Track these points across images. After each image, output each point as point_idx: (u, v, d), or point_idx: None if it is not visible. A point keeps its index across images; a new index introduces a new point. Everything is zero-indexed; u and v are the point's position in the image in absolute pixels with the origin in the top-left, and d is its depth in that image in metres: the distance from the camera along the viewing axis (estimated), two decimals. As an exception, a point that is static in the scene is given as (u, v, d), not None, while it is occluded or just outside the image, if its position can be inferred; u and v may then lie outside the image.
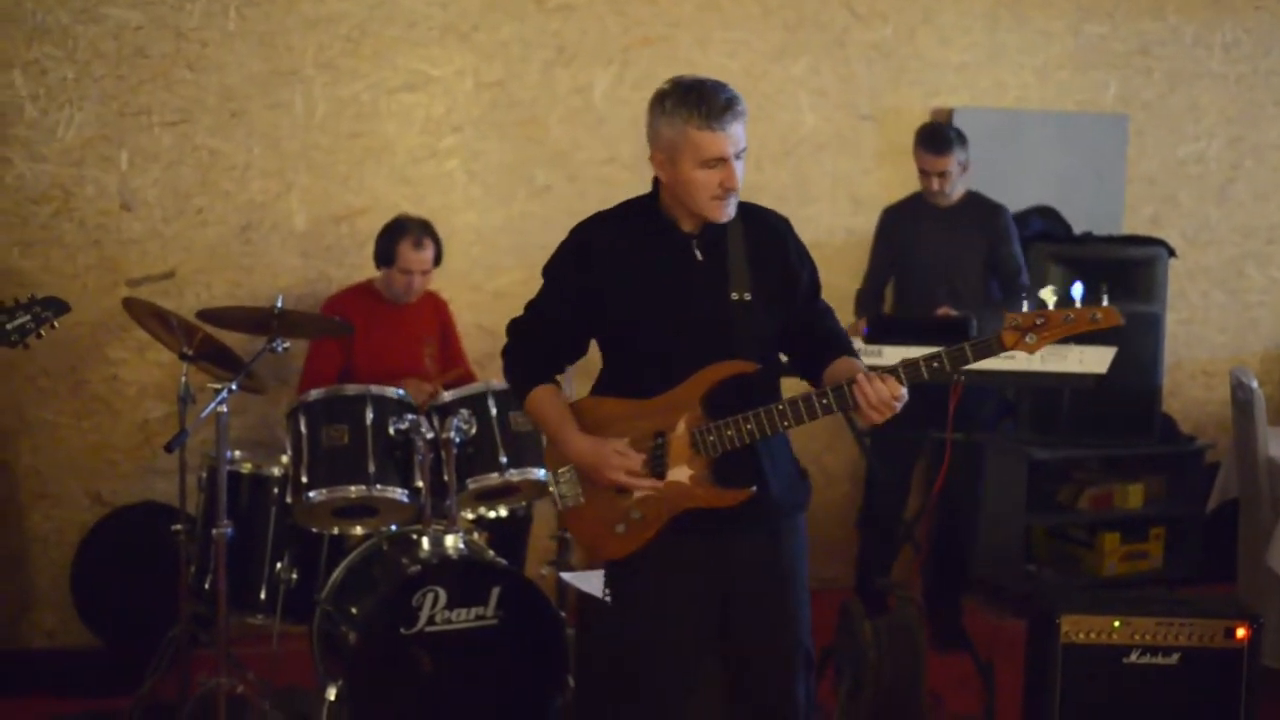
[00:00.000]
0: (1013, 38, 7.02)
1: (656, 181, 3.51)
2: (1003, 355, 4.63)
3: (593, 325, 3.59)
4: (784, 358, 3.68)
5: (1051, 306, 3.30)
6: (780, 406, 3.37)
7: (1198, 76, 7.41)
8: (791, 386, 3.55)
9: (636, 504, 3.49)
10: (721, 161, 3.35)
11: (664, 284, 3.47)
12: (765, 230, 3.56)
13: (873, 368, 3.39)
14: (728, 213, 3.42)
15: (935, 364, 3.31)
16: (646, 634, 3.56)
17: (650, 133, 3.44)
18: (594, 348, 3.67)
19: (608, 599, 3.62)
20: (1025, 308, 3.36)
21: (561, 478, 3.61)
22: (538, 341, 3.64)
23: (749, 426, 3.39)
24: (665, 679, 3.56)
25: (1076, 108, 7.19)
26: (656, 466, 3.47)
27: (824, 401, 3.35)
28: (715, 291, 3.46)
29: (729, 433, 3.40)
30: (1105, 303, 3.30)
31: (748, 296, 3.45)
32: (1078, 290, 3.30)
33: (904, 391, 3.32)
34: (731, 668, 3.63)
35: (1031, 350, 3.33)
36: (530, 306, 3.67)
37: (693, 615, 3.54)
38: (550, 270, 3.62)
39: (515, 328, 3.68)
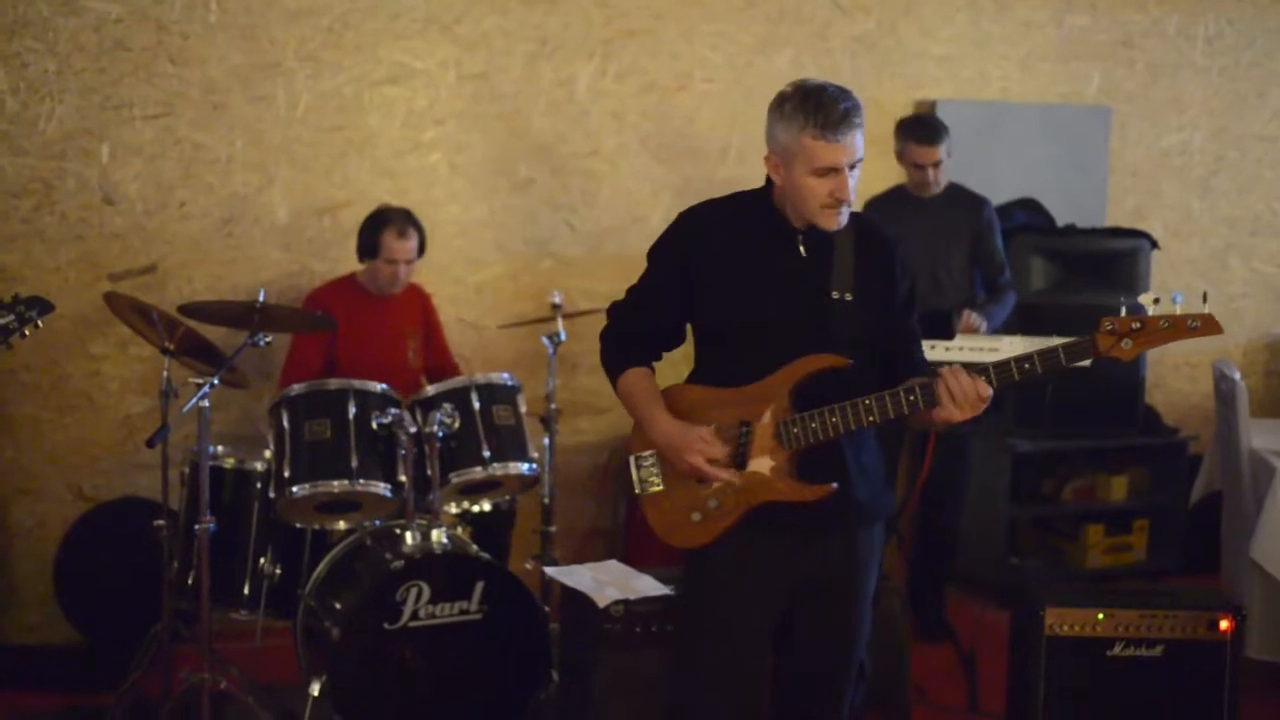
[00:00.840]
0: (995, 29, 7.02)
1: (770, 179, 3.48)
2: (986, 347, 4.64)
3: (690, 311, 3.55)
4: None
5: (1151, 312, 3.24)
6: (866, 401, 3.32)
7: (1180, 68, 7.42)
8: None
9: (715, 493, 3.45)
10: (834, 172, 3.32)
11: (765, 276, 3.44)
12: (874, 238, 3.52)
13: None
14: (839, 221, 3.39)
15: (1027, 365, 3.27)
16: (719, 628, 3.51)
17: (768, 134, 3.41)
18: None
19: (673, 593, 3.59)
20: (1123, 311, 3.28)
21: (643, 462, 3.56)
22: (634, 324, 3.61)
23: (834, 419, 3.34)
24: (734, 678, 3.52)
25: (1059, 99, 7.19)
26: (739, 455, 3.42)
27: (911, 398, 3.30)
28: (816, 288, 3.43)
29: (813, 425, 3.35)
30: (1206, 308, 3.22)
31: (849, 297, 3.42)
32: (1178, 296, 3.21)
33: (991, 392, 3.29)
34: (785, 669, 3.61)
35: (1128, 356, 3.29)
36: (631, 290, 3.65)
37: (758, 614, 3.51)
38: (654, 253, 3.60)
39: (614, 310, 3.66)
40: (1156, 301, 3.24)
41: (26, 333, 4.25)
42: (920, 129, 5.98)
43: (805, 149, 3.31)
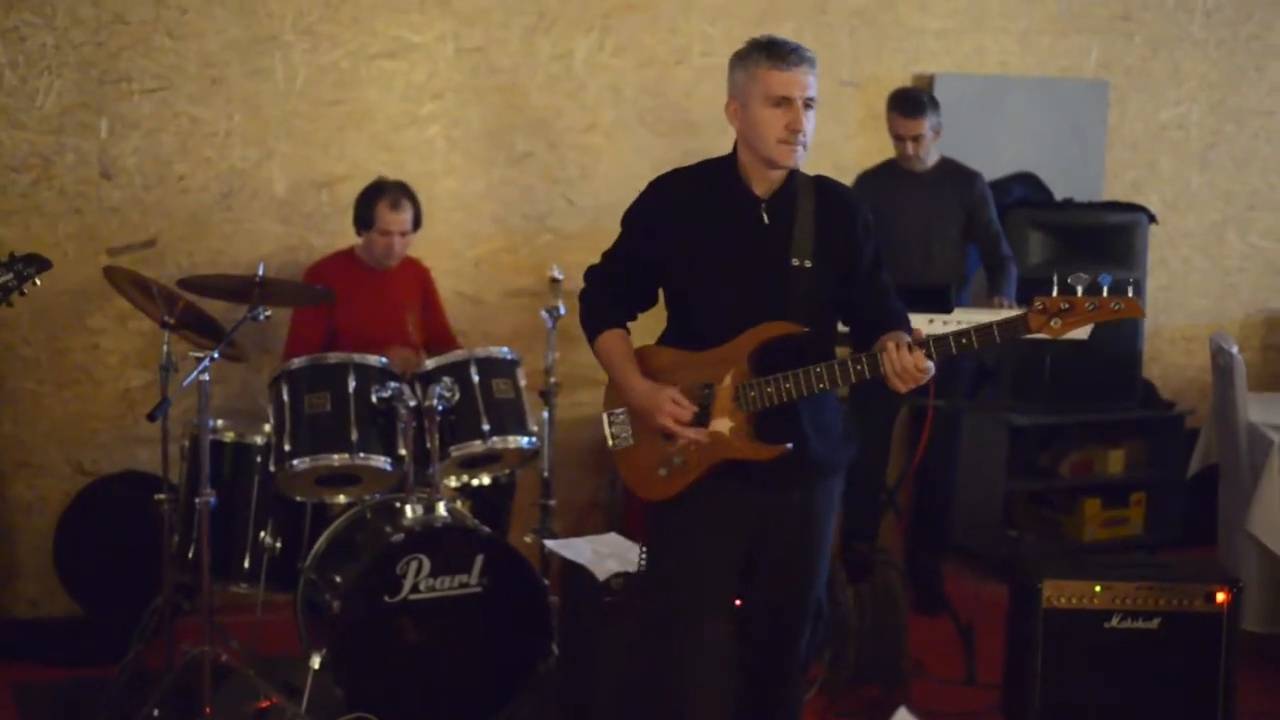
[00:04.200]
0: (994, 3, 7.01)
1: (736, 144, 3.66)
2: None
3: (660, 275, 3.73)
4: (843, 328, 3.82)
5: (1079, 293, 3.39)
6: (818, 369, 3.51)
7: (1179, 41, 7.41)
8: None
9: (679, 450, 3.64)
10: (788, 102, 3.51)
11: (728, 242, 3.62)
12: (836, 202, 3.71)
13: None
14: (796, 157, 3.57)
15: (964, 340, 3.42)
16: (678, 569, 3.72)
17: (729, 83, 3.63)
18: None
19: (643, 559, 3.82)
20: (1055, 291, 3.42)
21: (615, 419, 3.78)
22: (609, 287, 3.80)
23: (788, 385, 3.52)
24: (690, 613, 3.69)
25: (1058, 73, 7.19)
26: (701, 416, 3.60)
27: (858, 366, 3.49)
28: (777, 255, 3.60)
29: (769, 389, 3.54)
30: (1131, 294, 3.42)
31: (808, 264, 3.59)
32: (1106, 279, 3.39)
33: (930, 365, 3.43)
34: (745, 612, 3.77)
35: (1057, 334, 3.43)
36: (605, 254, 3.83)
37: (721, 558, 3.69)
38: (626, 219, 3.79)
39: (590, 274, 3.85)
40: (1086, 284, 3.39)
41: (25, 290, 4.25)
42: (903, 101, 6.00)
43: (759, 79, 3.53)
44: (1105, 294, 3.39)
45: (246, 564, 5.02)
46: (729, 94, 3.63)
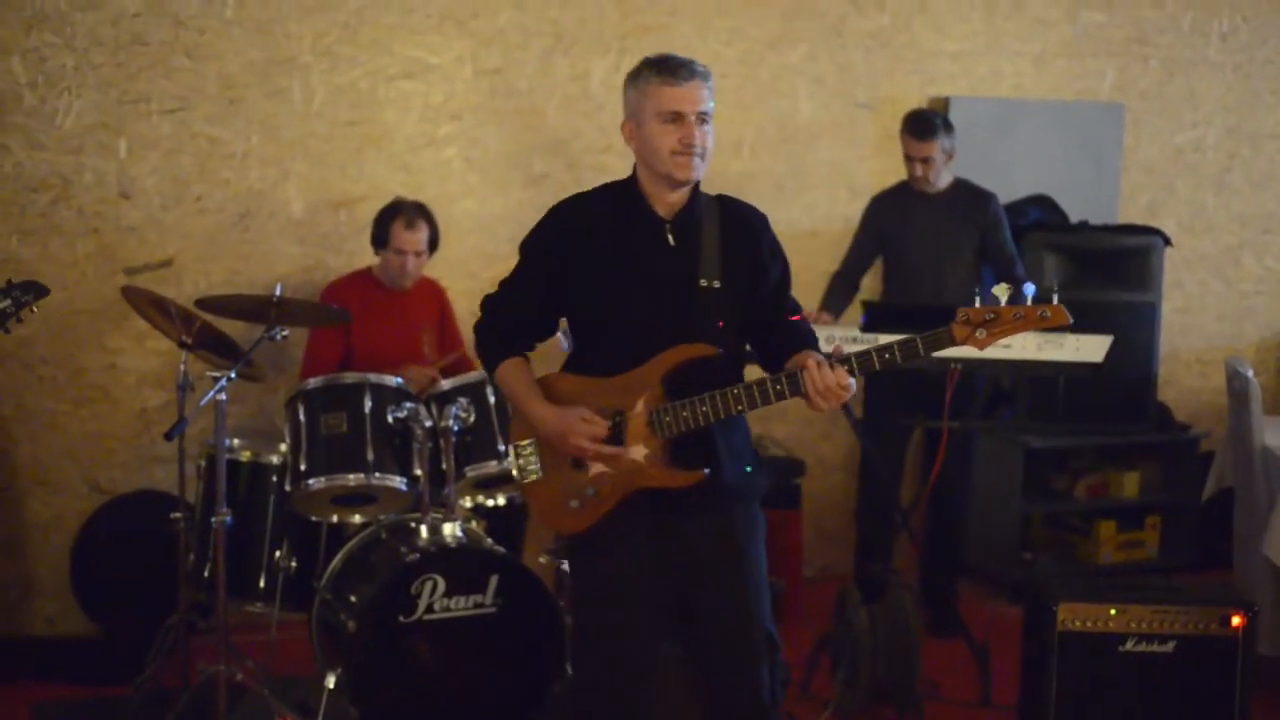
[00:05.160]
0: (1010, 26, 7.02)
1: (636, 166, 3.60)
2: (999, 343, 4.66)
3: (562, 303, 3.65)
4: (749, 348, 3.74)
5: (1004, 304, 3.32)
6: (735, 390, 3.42)
7: (1195, 65, 7.42)
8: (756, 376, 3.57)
9: (591, 480, 3.56)
10: (680, 116, 3.47)
11: (634, 266, 3.53)
12: (741, 222, 3.63)
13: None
14: (692, 170, 3.51)
15: (887, 355, 3.35)
16: (604, 608, 3.63)
17: (624, 106, 3.58)
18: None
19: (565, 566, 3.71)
20: (978, 303, 3.36)
21: (522, 451, 3.67)
22: (508, 317, 3.71)
23: (704, 408, 3.44)
24: (621, 653, 3.61)
25: (1073, 96, 7.19)
26: (613, 444, 3.52)
27: (778, 387, 3.40)
28: (684, 277, 3.52)
29: (685, 414, 3.45)
30: (1055, 301, 3.33)
31: (716, 284, 3.52)
32: (1029, 289, 3.31)
33: (852, 381, 3.36)
34: (697, 653, 3.69)
35: (981, 346, 3.35)
36: (504, 283, 3.73)
37: (647, 592, 3.59)
38: (525, 247, 3.69)
39: (488, 303, 3.76)
40: (1010, 294, 3.32)
41: (22, 317, 4.27)
42: (914, 123, 6.01)
43: (651, 95, 3.49)
44: (1030, 303, 3.30)
45: (262, 583, 5.03)
46: (625, 114, 3.58)
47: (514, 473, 3.71)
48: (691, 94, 3.48)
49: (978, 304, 3.35)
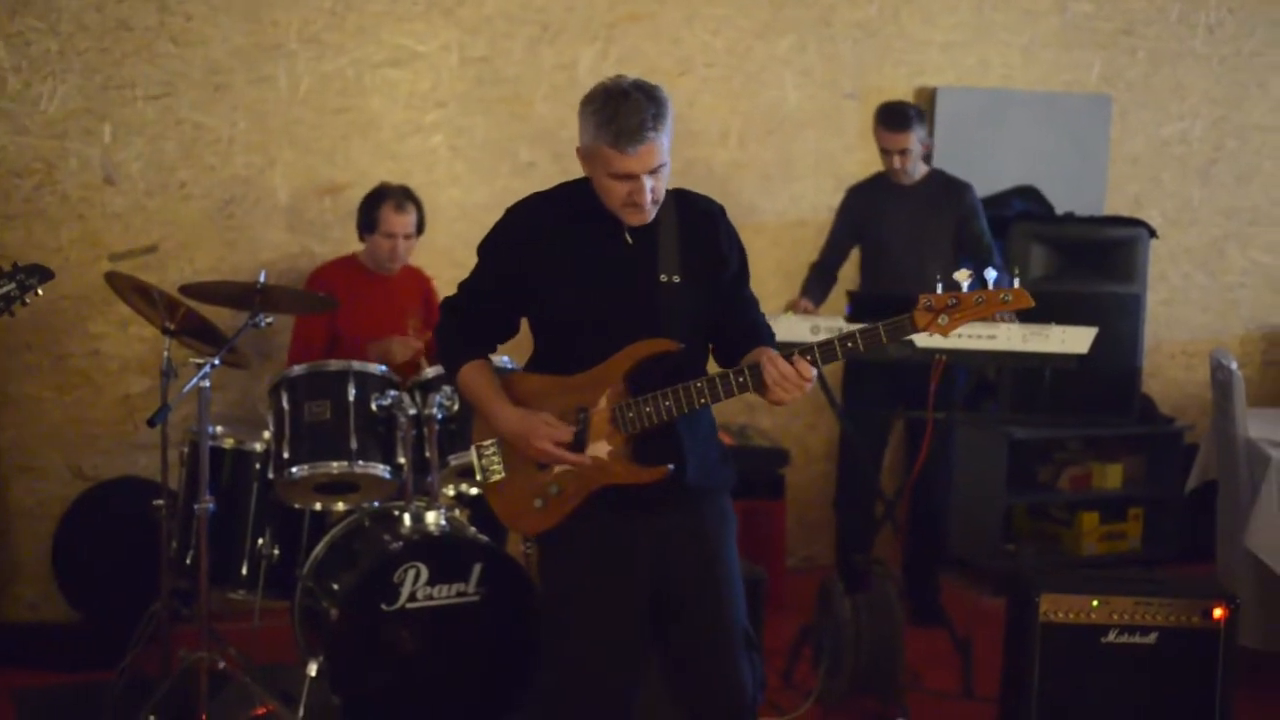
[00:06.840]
0: (998, 17, 7.02)
1: None
2: (984, 334, 4.67)
3: (522, 304, 3.61)
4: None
5: (965, 289, 3.30)
6: (698, 384, 3.40)
7: (1181, 57, 7.42)
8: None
9: (555, 479, 3.52)
10: (631, 177, 3.37)
11: (593, 264, 3.49)
12: (697, 215, 3.58)
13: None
14: (643, 218, 3.44)
15: (850, 344, 3.33)
16: (570, 608, 3.59)
17: (579, 130, 3.47)
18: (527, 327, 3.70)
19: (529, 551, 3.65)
20: (940, 289, 3.35)
21: (484, 451, 3.63)
22: (468, 319, 3.66)
23: (668, 403, 3.41)
24: (592, 653, 3.56)
25: (1060, 87, 7.20)
26: (577, 441, 3.48)
27: (740, 379, 3.38)
28: (644, 273, 3.48)
29: (648, 409, 3.42)
30: (1017, 284, 3.32)
31: (676, 279, 3.48)
32: (990, 273, 3.29)
33: (814, 372, 3.34)
34: (673, 653, 3.63)
35: (945, 332, 3.33)
36: (463, 285, 3.69)
37: (618, 591, 3.55)
38: (483, 248, 3.64)
39: (448, 305, 3.71)
40: (971, 279, 3.30)
41: (28, 300, 4.26)
42: (888, 115, 6.00)
43: (601, 155, 3.37)
44: (990, 287, 3.28)
45: (244, 571, 5.01)
46: (579, 137, 3.47)
47: (476, 474, 3.66)
48: (643, 159, 3.34)
49: (939, 290, 3.34)
